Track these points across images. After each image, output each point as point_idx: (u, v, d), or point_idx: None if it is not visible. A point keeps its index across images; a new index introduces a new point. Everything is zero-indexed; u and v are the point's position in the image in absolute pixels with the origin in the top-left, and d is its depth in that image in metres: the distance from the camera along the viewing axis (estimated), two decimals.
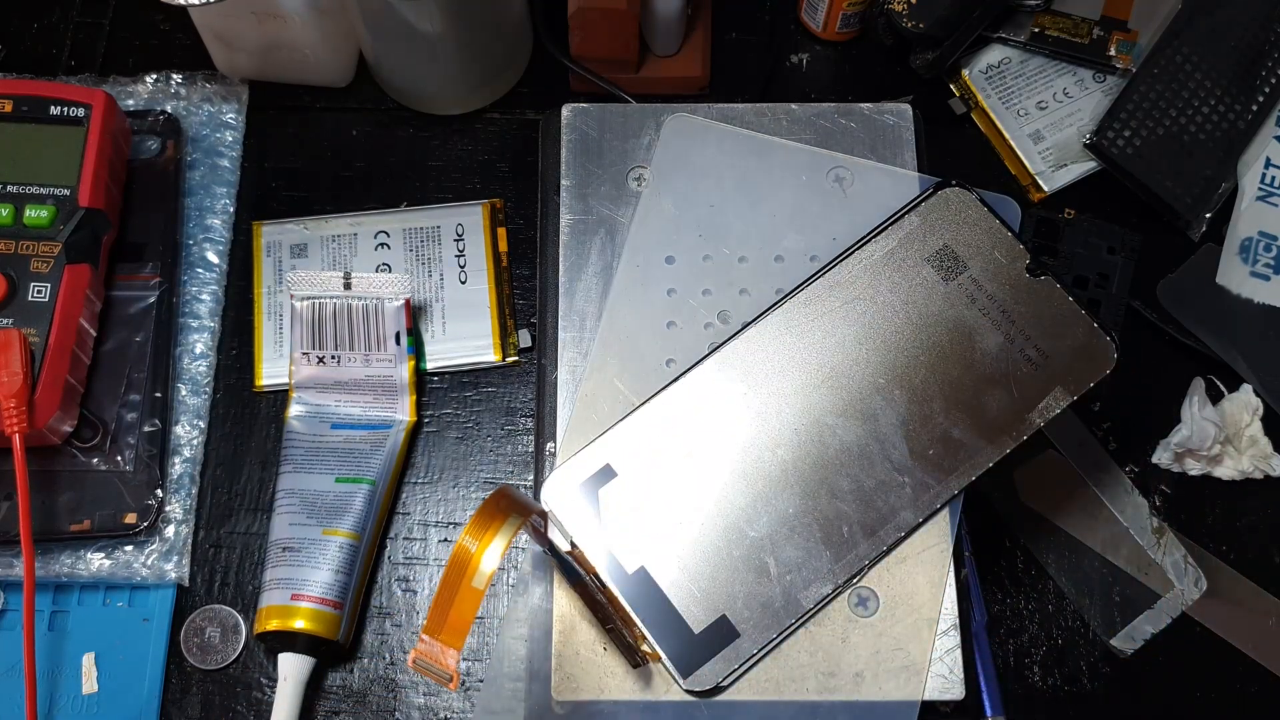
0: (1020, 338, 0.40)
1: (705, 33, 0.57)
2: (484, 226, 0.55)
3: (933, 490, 0.39)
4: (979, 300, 0.41)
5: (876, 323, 0.41)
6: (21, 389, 0.45)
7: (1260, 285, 0.54)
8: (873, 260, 0.42)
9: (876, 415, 0.40)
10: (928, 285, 0.41)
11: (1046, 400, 0.40)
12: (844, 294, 0.41)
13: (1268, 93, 0.56)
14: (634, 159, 0.46)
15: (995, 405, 0.40)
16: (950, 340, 0.41)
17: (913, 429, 0.40)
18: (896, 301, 0.41)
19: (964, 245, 0.41)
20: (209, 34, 0.56)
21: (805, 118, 0.46)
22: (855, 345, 0.41)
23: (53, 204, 0.48)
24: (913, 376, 0.40)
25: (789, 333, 0.41)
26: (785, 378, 0.41)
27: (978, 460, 0.39)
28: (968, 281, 0.41)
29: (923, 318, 0.41)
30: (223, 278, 0.54)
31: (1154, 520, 0.51)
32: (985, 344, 0.40)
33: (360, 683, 0.48)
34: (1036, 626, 0.50)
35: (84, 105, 0.50)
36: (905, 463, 0.40)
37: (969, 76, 0.58)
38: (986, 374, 0.40)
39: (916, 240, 0.42)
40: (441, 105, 0.57)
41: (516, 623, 0.39)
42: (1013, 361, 0.40)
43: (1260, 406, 0.52)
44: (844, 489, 0.39)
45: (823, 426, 0.40)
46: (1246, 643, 0.50)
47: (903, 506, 0.39)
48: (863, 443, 0.40)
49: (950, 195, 0.42)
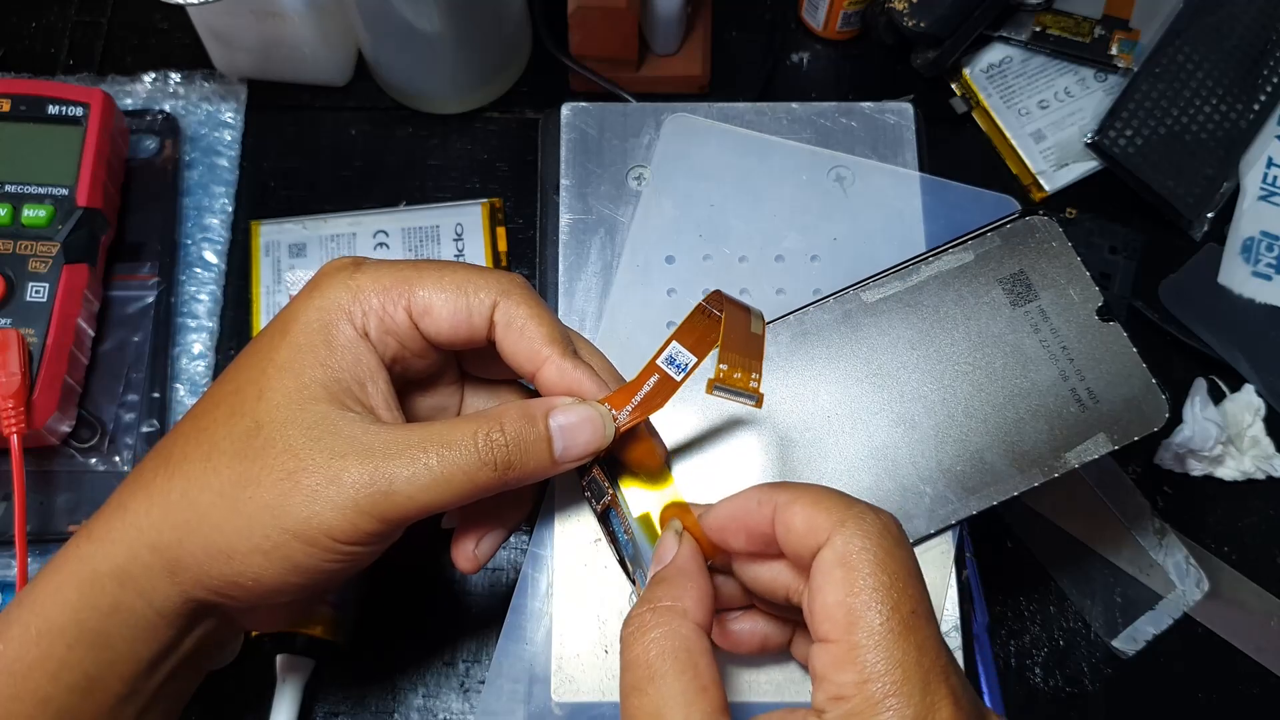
0: (1075, 376, 0.40)
1: (705, 32, 0.57)
2: (483, 226, 0.55)
3: (951, 505, 0.39)
4: (1042, 331, 0.40)
5: (934, 332, 0.41)
6: (19, 389, 0.45)
7: (1262, 285, 0.54)
8: (946, 270, 0.41)
9: (914, 422, 0.40)
10: (994, 306, 0.41)
11: (1087, 443, 0.39)
12: (909, 297, 0.41)
13: (1270, 92, 0.56)
14: (634, 158, 0.45)
15: (1034, 437, 0.39)
16: (1005, 364, 0.40)
17: (946, 442, 0.39)
18: (959, 315, 0.41)
19: (1039, 275, 0.41)
20: (207, 33, 0.55)
21: (806, 117, 0.46)
22: (908, 349, 0.41)
23: (51, 204, 0.48)
24: (958, 391, 0.40)
25: (845, 323, 0.41)
26: (830, 366, 0.41)
27: (1003, 487, 0.39)
28: (1035, 311, 0.41)
29: (982, 336, 0.41)
30: (221, 277, 0.54)
31: (1156, 521, 0.50)
32: (1038, 375, 0.40)
33: (359, 684, 0.48)
34: (1038, 628, 0.50)
35: (82, 105, 0.50)
36: (931, 473, 0.39)
37: (970, 75, 0.58)
38: (1033, 405, 0.40)
39: (994, 260, 0.41)
40: (441, 104, 0.57)
41: (517, 625, 0.39)
42: (1062, 398, 0.40)
43: (1262, 407, 0.52)
44: (863, 485, 0.39)
45: (857, 421, 0.40)
46: (1248, 644, 0.49)
47: (917, 514, 0.39)
48: (893, 445, 0.40)
49: (1037, 223, 0.41)
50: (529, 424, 0.33)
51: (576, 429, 0.34)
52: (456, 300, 0.34)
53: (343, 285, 0.34)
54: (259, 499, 0.32)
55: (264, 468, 0.32)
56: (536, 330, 0.35)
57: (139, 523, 0.33)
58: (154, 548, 0.33)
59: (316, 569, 0.32)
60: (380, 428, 0.33)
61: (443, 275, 0.35)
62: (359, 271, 0.35)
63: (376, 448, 0.32)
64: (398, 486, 0.32)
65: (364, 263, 0.35)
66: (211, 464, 0.32)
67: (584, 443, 0.34)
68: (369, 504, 0.31)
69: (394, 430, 0.33)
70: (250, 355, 0.35)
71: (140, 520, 0.33)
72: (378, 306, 0.34)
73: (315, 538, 0.32)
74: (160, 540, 0.33)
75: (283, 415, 0.32)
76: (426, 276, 0.35)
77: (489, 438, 0.33)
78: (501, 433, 0.33)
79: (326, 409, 0.33)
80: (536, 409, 0.34)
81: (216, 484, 0.32)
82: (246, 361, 0.34)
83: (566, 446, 0.34)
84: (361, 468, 0.32)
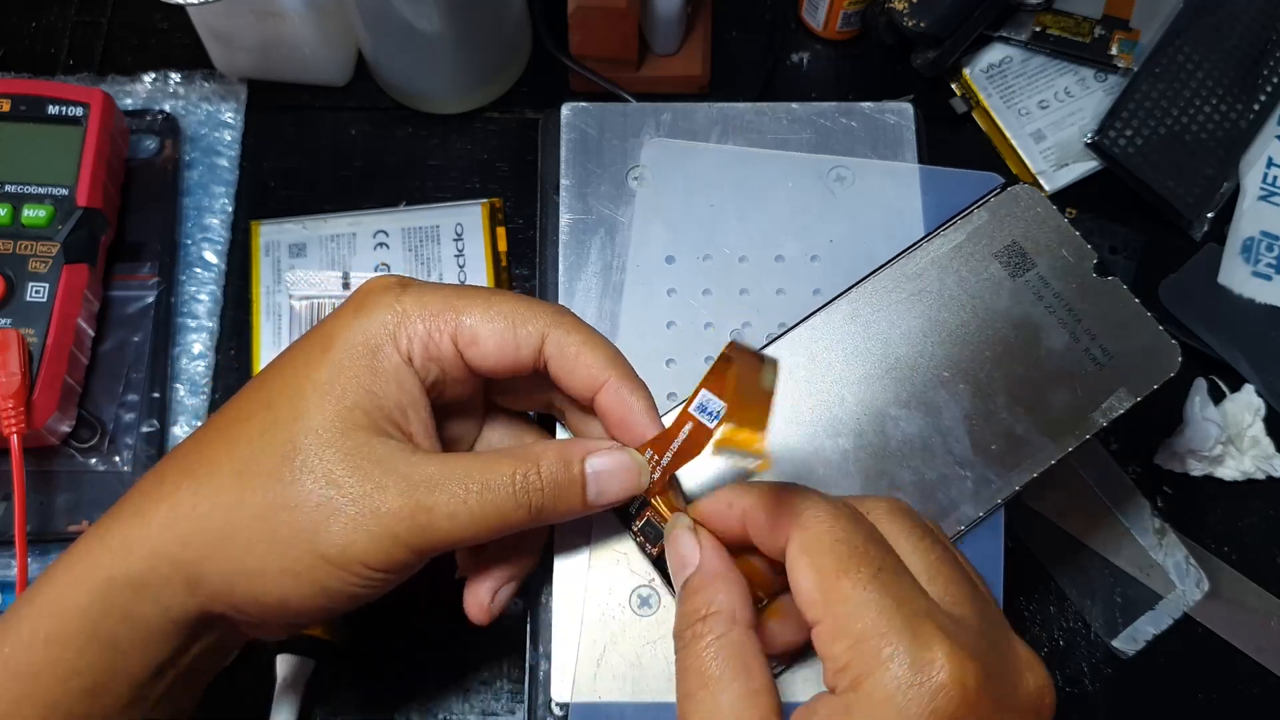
0: (1085, 337, 0.40)
1: (705, 31, 0.57)
2: (483, 226, 0.55)
3: (994, 485, 0.39)
4: (1045, 298, 0.41)
5: (943, 316, 0.41)
6: (19, 389, 0.45)
7: (1262, 285, 0.54)
8: (941, 253, 0.42)
9: (940, 408, 0.40)
10: (995, 280, 0.41)
11: (1110, 400, 0.39)
12: (911, 286, 0.41)
13: (1270, 92, 0.56)
14: (634, 158, 0.45)
15: (1059, 403, 0.40)
16: (1016, 336, 0.41)
17: (976, 423, 0.40)
18: (963, 295, 0.41)
19: (1032, 242, 0.41)
20: (207, 33, 0.55)
21: (806, 117, 0.46)
22: (921, 337, 0.41)
23: (51, 204, 0.48)
24: (977, 371, 0.40)
25: (854, 322, 0.41)
26: (849, 367, 0.41)
27: (1040, 457, 0.39)
28: (1035, 278, 0.41)
29: (989, 312, 0.41)
30: (221, 277, 0.54)
31: (1156, 521, 0.50)
32: (1051, 341, 0.40)
33: (359, 684, 0.48)
34: (1038, 627, 0.50)
35: (82, 105, 0.50)
36: (967, 456, 0.39)
37: (970, 75, 0.58)
38: (1051, 371, 0.40)
39: (985, 235, 0.42)
40: (441, 104, 0.57)
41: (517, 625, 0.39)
42: (1077, 360, 0.40)
43: (1262, 407, 0.52)
44: (905, 480, 0.39)
45: (885, 417, 0.40)
46: (1248, 644, 0.49)
47: (964, 500, 0.39)
48: (925, 435, 0.40)
49: (1019, 192, 0.42)
50: (565, 468, 0.34)
51: (612, 476, 0.34)
52: (504, 331, 0.34)
53: (388, 307, 0.34)
54: (295, 524, 0.32)
55: (301, 493, 0.32)
56: (592, 356, 0.35)
57: (161, 535, 0.32)
58: (175, 562, 0.32)
59: (343, 593, 0.33)
60: (420, 458, 0.33)
61: (490, 304, 0.34)
62: (405, 293, 0.34)
63: (418, 481, 0.32)
64: (436, 521, 0.32)
65: (410, 284, 0.35)
66: (244, 482, 0.32)
67: (618, 489, 0.35)
68: (407, 536, 0.32)
69: (433, 462, 0.33)
70: (285, 369, 0.34)
71: (163, 533, 0.32)
72: (423, 333, 0.34)
73: (349, 564, 0.32)
74: (183, 556, 0.32)
75: (322, 439, 0.32)
76: (474, 305, 0.34)
77: (526, 479, 0.33)
78: (539, 476, 0.33)
79: (368, 436, 0.32)
80: (574, 453, 0.34)
81: (250, 504, 0.32)
82: (281, 375, 0.34)
83: (600, 492, 0.34)
84: (402, 500, 0.32)
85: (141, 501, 0.33)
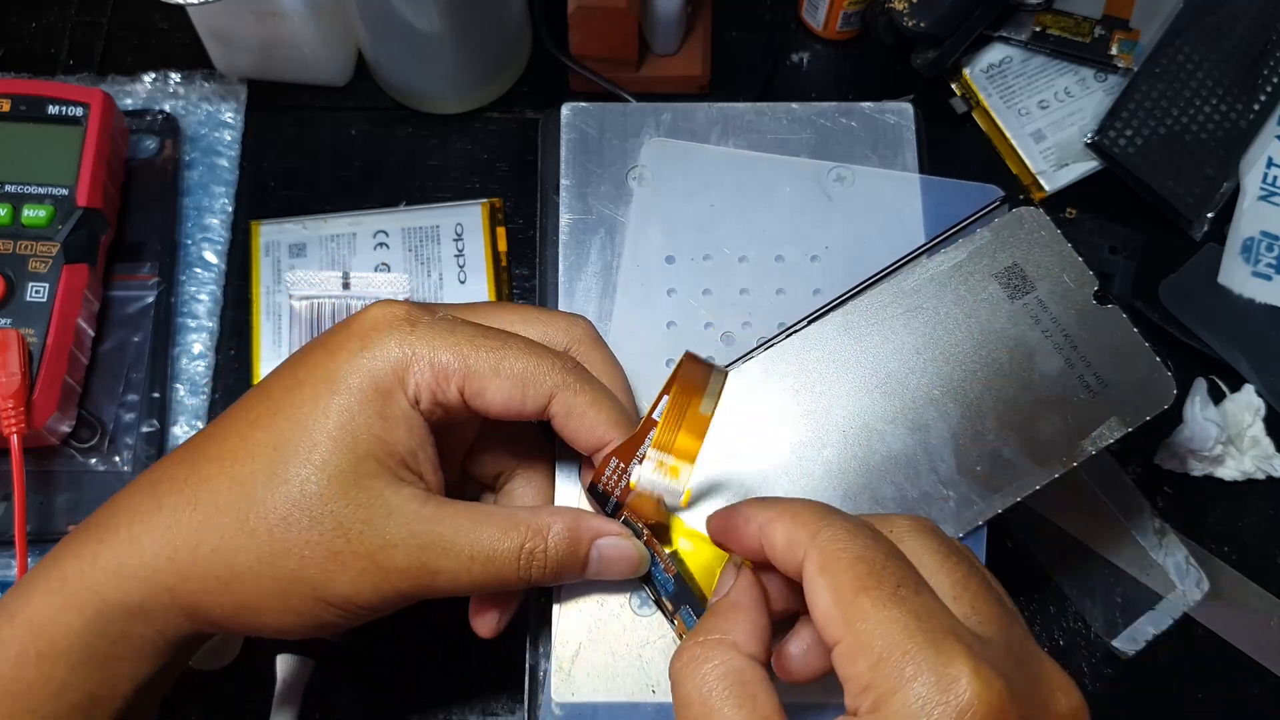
0: (1081, 364, 0.40)
1: (705, 31, 0.57)
2: (483, 226, 0.55)
3: (976, 507, 0.39)
4: (1043, 322, 0.40)
5: (937, 333, 0.41)
6: (19, 389, 0.45)
7: (1262, 285, 0.54)
8: (940, 271, 0.41)
9: (928, 426, 0.39)
10: (993, 301, 0.41)
11: (1100, 429, 0.39)
12: (908, 302, 0.41)
13: (1270, 92, 0.56)
14: (634, 158, 0.45)
15: (1048, 429, 0.39)
16: (1010, 358, 0.40)
17: (963, 444, 0.39)
18: (960, 314, 0.41)
19: (1034, 265, 0.41)
20: (207, 33, 0.55)
21: (806, 117, 0.46)
22: (913, 354, 0.40)
23: (51, 204, 0.48)
24: (968, 391, 0.40)
25: (846, 334, 0.41)
26: (839, 379, 0.40)
27: (1025, 482, 0.39)
28: (1034, 302, 0.40)
29: (985, 333, 0.40)
30: (221, 277, 0.54)
31: (1156, 521, 0.50)
32: (1045, 366, 0.40)
33: (359, 684, 0.48)
34: (1038, 628, 0.50)
35: (82, 105, 0.50)
36: (952, 476, 0.39)
37: (970, 75, 0.58)
38: (1043, 396, 0.39)
39: (986, 255, 0.41)
40: (441, 104, 0.57)
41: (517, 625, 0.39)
42: (1070, 386, 0.39)
43: (1262, 407, 0.52)
44: (887, 496, 0.39)
45: (872, 432, 0.40)
46: (1248, 644, 0.49)
47: (944, 520, 0.39)
48: (911, 452, 0.39)
49: (1024, 214, 0.41)
50: (572, 548, 0.35)
51: (613, 562, 0.36)
52: (512, 390, 0.34)
53: (396, 346, 0.34)
54: (302, 574, 0.32)
55: (310, 544, 0.32)
56: (598, 417, 0.35)
57: (158, 564, 0.33)
58: (175, 593, 0.33)
59: (340, 625, 0.34)
60: (430, 512, 0.33)
61: (500, 362, 0.34)
62: (413, 333, 0.34)
63: (427, 542, 0.33)
64: (439, 582, 0.33)
65: (418, 321, 0.34)
66: (250, 526, 0.32)
67: (615, 572, 0.36)
68: (409, 590, 0.33)
69: (444, 520, 0.33)
70: (292, 407, 0.34)
71: (160, 564, 0.33)
72: (430, 381, 0.34)
73: (349, 607, 0.33)
74: (183, 588, 0.33)
75: (334, 490, 0.33)
76: (484, 359, 0.34)
77: (531, 556, 0.34)
78: (544, 554, 0.34)
79: (381, 486, 0.33)
80: (584, 533, 0.35)
81: (255, 549, 0.32)
82: (287, 413, 0.33)
83: (599, 571, 0.36)
84: (409, 561, 0.33)
85: (133, 524, 0.33)
